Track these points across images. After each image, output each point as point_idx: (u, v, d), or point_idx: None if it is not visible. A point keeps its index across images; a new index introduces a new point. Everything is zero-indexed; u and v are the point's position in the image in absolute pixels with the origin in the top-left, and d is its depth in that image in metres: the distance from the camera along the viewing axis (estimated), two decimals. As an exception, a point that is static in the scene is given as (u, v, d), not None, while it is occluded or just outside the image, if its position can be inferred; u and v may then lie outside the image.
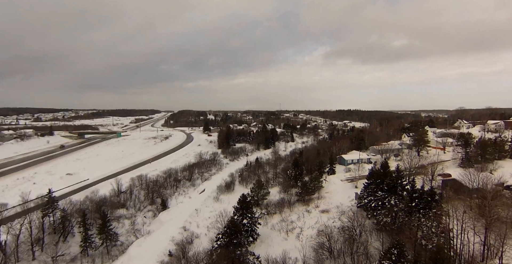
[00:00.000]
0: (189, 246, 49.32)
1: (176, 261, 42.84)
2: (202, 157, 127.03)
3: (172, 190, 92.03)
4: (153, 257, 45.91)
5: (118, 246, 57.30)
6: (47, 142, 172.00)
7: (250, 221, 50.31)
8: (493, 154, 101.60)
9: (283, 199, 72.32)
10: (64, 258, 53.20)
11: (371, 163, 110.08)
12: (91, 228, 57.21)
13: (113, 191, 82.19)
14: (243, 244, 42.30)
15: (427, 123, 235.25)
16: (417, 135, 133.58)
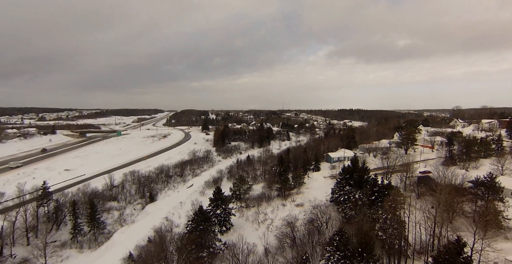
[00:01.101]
0: (169, 233, 53.85)
1: (153, 246, 47.39)
2: (195, 155, 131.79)
3: (163, 185, 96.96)
4: (133, 242, 50.62)
5: (105, 234, 62.26)
6: (49, 140, 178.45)
7: (224, 212, 54.70)
8: (479, 152, 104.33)
9: (263, 193, 76.66)
10: (56, 244, 58.29)
11: (357, 161, 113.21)
12: (81, 217, 62.19)
13: (106, 185, 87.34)
14: (210, 230, 46.59)
15: (422, 123, 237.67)
16: (405, 134, 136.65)
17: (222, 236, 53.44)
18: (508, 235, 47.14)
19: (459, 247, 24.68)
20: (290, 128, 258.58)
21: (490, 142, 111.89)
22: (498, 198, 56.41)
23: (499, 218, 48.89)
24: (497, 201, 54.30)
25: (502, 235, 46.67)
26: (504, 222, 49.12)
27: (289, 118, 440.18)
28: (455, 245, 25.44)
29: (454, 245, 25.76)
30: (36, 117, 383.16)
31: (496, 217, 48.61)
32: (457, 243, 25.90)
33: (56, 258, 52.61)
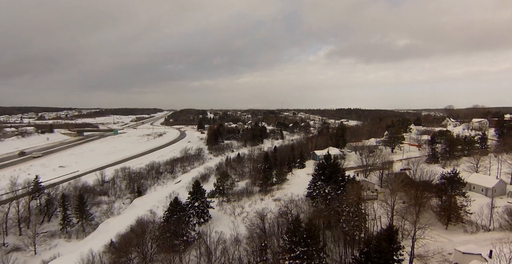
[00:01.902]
0: (150, 224, 57.66)
1: (133, 234, 51.19)
2: (187, 153, 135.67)
3: (153, 181, 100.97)
4: (116, 231, 54.44)
5: (93, 225, 66.25)
6: (46, 138, 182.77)
7: (202, 204, 58.53)
8: (463, 150, 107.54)
9: (245, 189, 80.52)
10: (46, 234, 62.31)
11: (343, 158, 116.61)
12: (70, 209, 66.10)
13: (97, 181, 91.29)
14: (185, 220, 50.39)
15: (414, 122, 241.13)
16: (391, 133, 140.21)
17: (200, 227, 57.27)
18: (468, 229, 49.92)
19: (391, 234, 27.81)
20: (284, 127, 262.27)
21: (474, 140, 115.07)
22: (460, 193, 59.55)
23: (459, 212, 52.45)
24: (460, 196, 57.19)
25: (462, 228, 49.72)
26: (465, 216, 52.59)
27: (287, 117, 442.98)
28: (387, 232, 28.76)
29: (385, 232, 29.08)
30: (35, 116, 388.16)
31: (456, 211, 52.20)
32: (389, 230, 29.22)
33: (45, 246, 56.60)
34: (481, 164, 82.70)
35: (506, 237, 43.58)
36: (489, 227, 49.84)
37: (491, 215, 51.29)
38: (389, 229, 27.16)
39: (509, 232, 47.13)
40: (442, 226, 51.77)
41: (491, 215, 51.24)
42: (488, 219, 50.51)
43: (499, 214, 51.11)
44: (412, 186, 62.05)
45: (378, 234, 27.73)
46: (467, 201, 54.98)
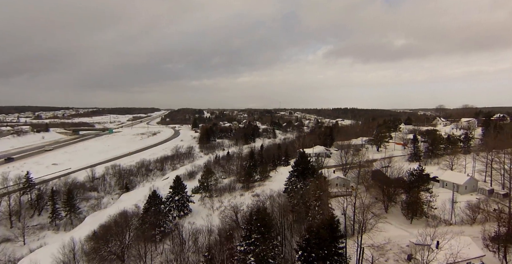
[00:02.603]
0: (134, 216, 61.38)
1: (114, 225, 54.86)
2: (177, 151, 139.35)
3: (142, 178, 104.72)
4: (100, 223, 58.16)
5: (81, 218, 69.97)
6: (42, 137, 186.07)
7: (182, 198, 62.32)
8: (446, 149, 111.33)
9: (229, 185, 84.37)
10: (36, 226, 66.07)
11: (328, 156, 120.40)
12: (60, 203, 69.79)
13: (88, 178, 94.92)
14: (162, 212, 54.17)
15: (405, 121, 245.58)
16: (377, 132, 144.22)
17: (180, 219, 61.17)
18: (430, 223, 53.21)
19: (331, 223, 31.15)
20: (278, 126, 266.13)
21: (457, 139, 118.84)
22: (425, 189, 62.42)
23: (423, 207, 56.15)
24: (425, 192, 59.98)
25: (425, 222, 52.93)
26: (430, 211, 56.25)
27: (282, 117, 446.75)
28: (328, 221, 32.20)
29: (327, 221, 32.52)
30: (32, 116, 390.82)
31: (420, 206, 55.85)
32: (331, 220, 32.73)
33: (33, 237, 60.40)
34: (457, 162, 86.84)
35: (465, 231, 47.53)
36: (450, 221, 53.71)
37: (452, 210, 55.17)
38: (331, 219, 30.73)
39: (469, 226, 51.09)
40: (407, 220, 55.56)
41: (452, 210, 55.15)
42: (451, 214, 54.40)
43: (461, 209, 54.98)
44: (385, 183, 66.12)
45: (319, 223, 31.19)
46: (432, 196, 58.64)
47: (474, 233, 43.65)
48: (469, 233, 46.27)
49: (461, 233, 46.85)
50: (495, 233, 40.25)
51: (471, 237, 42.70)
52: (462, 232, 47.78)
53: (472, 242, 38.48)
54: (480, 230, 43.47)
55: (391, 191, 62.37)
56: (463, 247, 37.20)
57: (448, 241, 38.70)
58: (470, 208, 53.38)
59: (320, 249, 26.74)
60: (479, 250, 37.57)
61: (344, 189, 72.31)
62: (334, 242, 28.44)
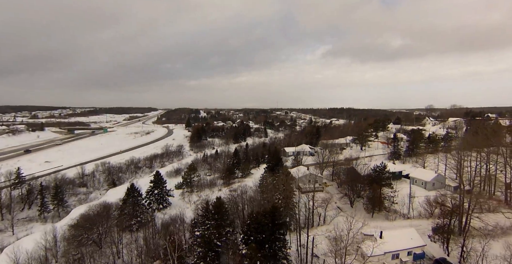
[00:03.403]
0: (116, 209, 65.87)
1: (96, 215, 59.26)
2: (168, 149, 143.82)
3: (131, 175, 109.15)
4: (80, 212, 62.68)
5: (68, 211, 74.24)
6: (37, 136, 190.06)
7: (161, 192, 66.88)
8: (427, 148, 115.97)
9: (210, 181, 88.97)
10: (26, 219, 70.54)
11: (312, 155, 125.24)
12: (48, 197, 74.25)
13: (78, 174, 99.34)
14: (139, 203, 58.69)
15: (394, 121, 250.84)
16: (360, 132, 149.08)
17: (159, 211, 65.80)
18: (389, 217, 57.42)
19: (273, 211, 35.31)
20: (270, 126, 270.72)
21: (437, 139, 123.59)
22: (386, 184, 66.13)
23: (384, 201, 60.70)
24: (386, 187, 62.99)
25: (385, 216, 57.34)
26: (391, 205, 60.81)
27: (278, 116, 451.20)
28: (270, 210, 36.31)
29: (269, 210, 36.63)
30: (29, 115, 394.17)
31: (381, 201, 60.37)
32: (273, 208, 36.97)
33: (22, 228, 64.84)
34: (430, 160, 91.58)
35: (422, 224, 51.88)
36: (408, 215, 58.26)
37: (410, 204, 59.84)
38: (273, 207, 35.23)
39: (426, 219, 55.65)
40: (368, 214, 60.05)
41: (409, 205, 59.80)
42: (411, 208, 58.84)
43: (419, 203, 59.50)
44: (352, 179, 70.63)
45: (260, 211, 35.63)
46: (393, 192, 63.13)
47: (429, 226, 47.48)
48: (425, 226, 50.74)
49: (419, 226, 51.49)
50: (436, 225, 44.92)
51: (426, 229, 47.29)
52: (419, 225, 52.44)
53: (415, 234, 42.57)
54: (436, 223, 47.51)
55: (358, 187, 67.03)
56: (406, 238, 42.03)
57: (393, 233, 43.66)
58: (427, 203, 58.10)
59: (258, 233, 31.20)
60: (421, 240, 41.69)
61: (316, 185, 77.04)
62: (273, 228, 32.88)
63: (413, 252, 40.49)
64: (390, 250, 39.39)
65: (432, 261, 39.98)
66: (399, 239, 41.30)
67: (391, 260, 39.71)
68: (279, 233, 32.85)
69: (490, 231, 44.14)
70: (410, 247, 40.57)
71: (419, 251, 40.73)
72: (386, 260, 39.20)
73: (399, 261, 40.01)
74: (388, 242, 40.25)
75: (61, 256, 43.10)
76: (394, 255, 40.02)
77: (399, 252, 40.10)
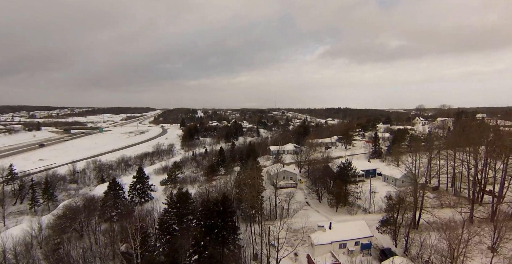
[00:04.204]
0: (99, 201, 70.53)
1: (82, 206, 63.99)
2: (159, 148, 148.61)
3: (122, 172, 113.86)
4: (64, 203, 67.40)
5: (57, 205, 78.96)
6: (33, 136, 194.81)
7: (143, 186, 71.70)
8: (409, 147, 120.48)
9: (194, 178, 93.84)
10: (17, 212, 75.34)
11: (297, 153, 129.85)
12: (38, 191, 79.01)
13: (69, 171, 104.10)
14: (120, 196, 63.56)
15: (384, 120, 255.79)
16: (344, 131, 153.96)
17: (141, 205, 70.58)
18: (351, 211, 61.79)
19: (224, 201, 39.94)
20: (264, 125, 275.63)
21: (420, 138, 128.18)
22: (351, 181, 68.21)
23: (348, 197, 65.13)
24: (350, 184, 66.49)
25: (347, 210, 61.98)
26: (355, 201, 65.21)
27: (274, 116, 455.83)
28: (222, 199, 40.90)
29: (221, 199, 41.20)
30: (27, 115, 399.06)
31: (344, 196, 64.71)
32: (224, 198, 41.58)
33: (13, 220, 69.59)
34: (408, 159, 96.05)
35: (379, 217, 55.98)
36: (369, 210, 62.72)
37: (370, 199, 64.37)
38: (223, 197, 40.04)
39: (385, 213, 60.14)
40: (332, 208, 64.52)
41: (370, 200, 64.35)
42: (373, 203, 63.26)
43: (381, 199, 63.83)
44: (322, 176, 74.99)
45: (213, 200, 40.42)
46: (356, 187, 67.45)
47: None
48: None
49: (376, 219, 55.60)
50: (383, 218, 49.34)
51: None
52: (377, 219, 56.50)
53: (365, 226, 46.46)
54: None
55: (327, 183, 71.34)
56: (354, 229, 46.14)
57: (343, 224, 48.29)
58: (389, 198, 62.73)
59: (207, 219, 35.96)
60: (369, 232, 45.35)
61: (291, 181, 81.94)
62: (224, 215, 37.62)
63: (360, 242, 43.78)
64: (336, 239, 43.08)
65: (379, 251, 43.37)
66: (347, 230, 45.04)
67: (338, 249, 43.10)
68: (230, 220, 37.61)
69: (443, 225, 47.96)
70: (357, 237, 43.94)
71: (366, 242, 44.00)
72: (333, 249, 42.58)
73: (346, 250, 43.37)
74: (336, 233, 44.37)
75: (45, 243, 47.81)
76: (341, 244, 43.46)
77: (346, 242, 43.55)
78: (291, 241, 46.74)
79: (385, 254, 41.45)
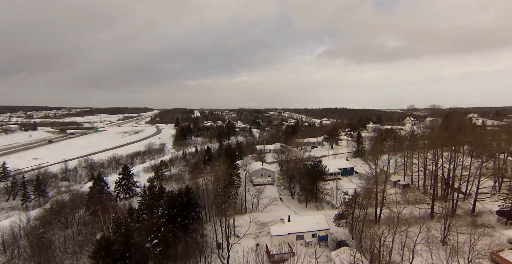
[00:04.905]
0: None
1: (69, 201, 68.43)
2: (150, 147, 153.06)
3: (112, 170, 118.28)
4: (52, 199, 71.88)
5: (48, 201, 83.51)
6: (29, 135, 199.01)
7: (128, 183, 76.22)
8: (394, 146, 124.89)
9: (180, 175, 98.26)
10: (9, 208, 79.76)
11: (283, 152, 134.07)
12: (30, 188, 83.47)
13: (61, 169, 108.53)
14: (105, 191, 68.11)
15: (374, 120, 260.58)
16: (330, 131, 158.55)
17: (126, 200, 75.02)
18: (319, 207, 65.46)
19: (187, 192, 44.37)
20: (257, 125, 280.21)
21: (404, 137, 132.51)
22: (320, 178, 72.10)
23: (318, 193, 69.25)
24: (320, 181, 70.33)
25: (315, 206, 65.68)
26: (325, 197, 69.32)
27: (270, 116, 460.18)
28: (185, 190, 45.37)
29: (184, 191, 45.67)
30: (24, 115, 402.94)
31: (312, 192, 68.80)
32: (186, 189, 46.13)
33: (5, 215, 74.00)
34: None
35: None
36: (336, 205, 66.93)
37: (336, 196, 68.58)
38: (187, 189, 44.57)
39: (350, 208, 64.40)
40: (301, 204, 68.57)
41: (336, 196, 68.61)
42: (341, 199, 67.20)
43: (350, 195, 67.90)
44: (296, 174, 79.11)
45: (178, 191, 44.91)
46: (326, 184, 71.79)
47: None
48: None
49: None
50: (339, 212, 53.44)
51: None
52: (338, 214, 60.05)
53: (323, 219, 49.33)
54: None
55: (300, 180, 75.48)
56: (312, 222, 49.79)
57: (302, 218, 52.40)
58: (345, 194, 66.53)
59: (171, 208, 40.49)
60: (326, 225, 48.22)
61: (269, 179, 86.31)
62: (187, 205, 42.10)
63: (317, 235, 46.62)
64: (293, 231, 46.13)
65: (335, 243, 46.31)
66: (305, 223, 48.10)
67: (296, 240, 45.93)
68: (193, 211, 42.17)
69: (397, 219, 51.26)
70: (313, 230, 46.72)
71: (323, 234, 46.85)
72: (291, 240, 45.48)
73: (304, 241, 46.37)
74: (294, 225, 47.65)
75: (31, 233, 52.23)
76: (299, 236, 46.28)
77: (303, 234, 46.40)
78: (256, 232, 51.25)
79: (340, 246, 45.34)
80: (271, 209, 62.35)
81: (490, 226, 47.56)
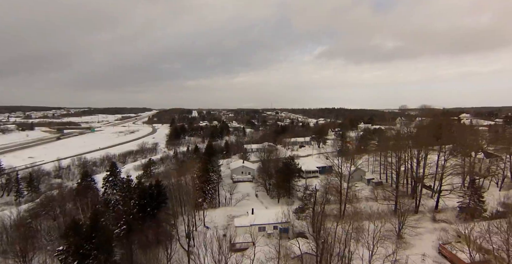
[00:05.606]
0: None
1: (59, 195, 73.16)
2: (143, 146, 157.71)
3: (105, 168, 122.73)
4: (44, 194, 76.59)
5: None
6: (26, 135, 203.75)
7: (115, 179, 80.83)
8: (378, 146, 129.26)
9: (167, 172, 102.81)
10: (3, 203, 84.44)
11: (270, 151, 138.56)
12: (23, 184, 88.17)
13: (55, 167, 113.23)
14: (92, 187, 72.81)
15: (366, 120, 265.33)
16: (318, 131, 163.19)
17: (113, 196, 79.60)
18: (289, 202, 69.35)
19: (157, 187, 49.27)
20: (251, 125, 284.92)
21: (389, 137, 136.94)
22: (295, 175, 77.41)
23: (290, 190, 73.54)
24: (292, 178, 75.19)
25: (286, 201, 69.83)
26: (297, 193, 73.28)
27: (267, 116, 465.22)
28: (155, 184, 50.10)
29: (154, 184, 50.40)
30: (22, 115, 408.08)
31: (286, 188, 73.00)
32: (156, 184, 51.31)
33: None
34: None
35: None
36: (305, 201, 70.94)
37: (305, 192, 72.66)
38: (157, 182, 49.21)
39: (310, 203, 67.93)
40: (274, 200, 72.83)
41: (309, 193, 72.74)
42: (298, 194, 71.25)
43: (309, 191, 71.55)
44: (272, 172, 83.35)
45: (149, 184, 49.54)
46: (296, 181, 76.16)
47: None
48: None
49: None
50: (298, 206, 57.65)
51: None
52: None
53: (286, 213, 50.59)
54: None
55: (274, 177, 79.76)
56: (274, 215, 53.29)
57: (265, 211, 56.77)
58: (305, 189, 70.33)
59: (141, 199, 45.22)
60: (288, 218, 50.24)
61: (249, 176, 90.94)
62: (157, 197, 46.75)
63: (278, 227, 50.09)
64: (256, 223, 49.85)
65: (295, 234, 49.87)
66: (268, 216, 51.62)
67: (258, 232, 49.00)
68: (163, 202, 46.88)
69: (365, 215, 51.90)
70: (274, 222, 50.11)
71: (285, 226, 50.17)
72: (254, 231, 48.11)
73: (265, 232, 49.81)
74: (257, 218, 51.19)
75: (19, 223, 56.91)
76: (261, 227, 49.79)
77: (265, 226, 50.09)
78: (225, 225, 55.79)
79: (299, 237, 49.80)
80: (244, 204, 66.61)
81: (448, 222, 51.02)
